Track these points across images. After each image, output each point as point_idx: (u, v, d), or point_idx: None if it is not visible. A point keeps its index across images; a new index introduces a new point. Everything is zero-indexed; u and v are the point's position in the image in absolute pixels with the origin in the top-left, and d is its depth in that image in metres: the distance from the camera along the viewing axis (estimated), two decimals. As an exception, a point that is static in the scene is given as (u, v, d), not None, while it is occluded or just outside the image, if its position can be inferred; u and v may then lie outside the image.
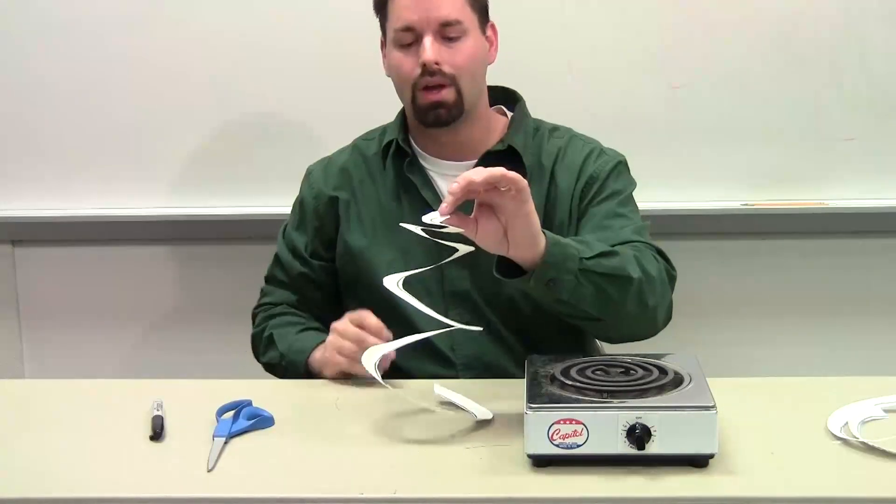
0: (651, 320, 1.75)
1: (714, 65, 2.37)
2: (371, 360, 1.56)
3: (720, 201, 2.42)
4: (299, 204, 2.02)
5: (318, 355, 1.82)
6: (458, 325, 1.61)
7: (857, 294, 2.51)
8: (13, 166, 2.49)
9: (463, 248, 1.61)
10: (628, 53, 2.38)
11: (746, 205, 2.42)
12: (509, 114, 1.97)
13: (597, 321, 1.70)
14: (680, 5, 2.36)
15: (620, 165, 1.92)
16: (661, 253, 1.81)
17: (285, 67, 2.41)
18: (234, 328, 2.55)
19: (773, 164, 2.41)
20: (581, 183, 1.88)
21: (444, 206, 1.49)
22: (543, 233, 1.60)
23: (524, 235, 1.55)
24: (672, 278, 1.81)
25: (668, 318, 1.79)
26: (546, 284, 1.62)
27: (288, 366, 1.87)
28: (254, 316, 2.04)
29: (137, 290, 2.58)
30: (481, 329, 1.73)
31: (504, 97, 1.98)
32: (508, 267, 1.61)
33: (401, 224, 1.63)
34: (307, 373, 1.83)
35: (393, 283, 1.59)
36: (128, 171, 2.48)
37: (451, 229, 1.52)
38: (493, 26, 1.92)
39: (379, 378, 1.54)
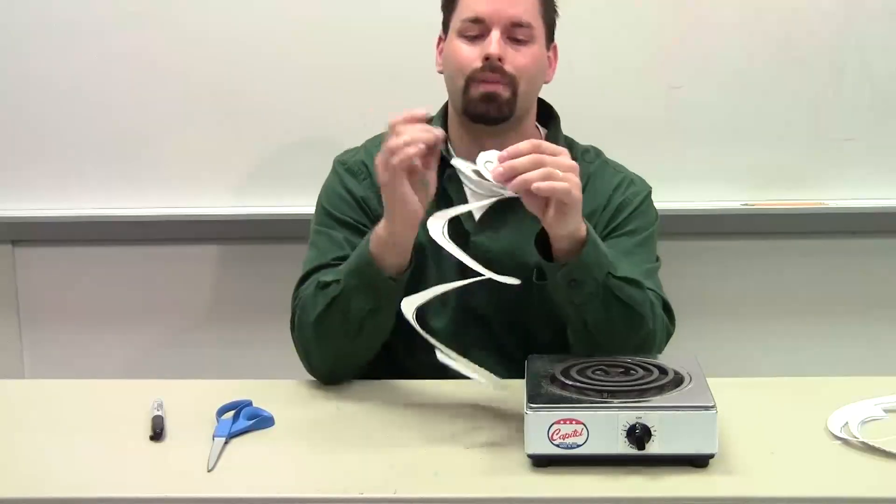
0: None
1: (714, 65, 2.37)
2: (410, 311, 1.52)
3: (720, 201, 2.41)
4: (345, 194, 1.87)
5: (378, 228, 1.66)
6: (490, 275, 1.53)
7: (857, 294, 2.51)
8: (13, 166, 2.48)
9: (490, 200, 1.60)
10: (628, 53, 2.37)
11: (746, 205, 2.41)
12: (542, 130, 1.94)
13: (589, 338, 1.68)
14: (680, 5, 2.36)
15: (648, 198, 1.90)
16: (667, 307, 1.80)
17: (287, 67, 2.40)
18: (234, 328, 2.56)
19: (773, 164, 2.41)
20: (609, 211, 1.85)
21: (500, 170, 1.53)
22: (587, 230, 1.61)
23: (561, 227, 1.58)
24: (669, 335, 1.80)
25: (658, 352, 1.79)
26: (569, 283, 1.62)
27: (350, 277, 1.67)
28: (294, 309, 1.80)
29: (137, 290, 2.58)
30: (519, 282, 1.59)
31: (540, 110, 1.94)
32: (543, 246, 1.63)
33: (453, 162, 1.61)
34: (372, 261, 1.65)
35: (438, 231, 1.56)
36: (128, 171, 2.48)
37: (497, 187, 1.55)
38: (555, 48, 1.90)
39: (417, 327, 1.50)
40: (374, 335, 1.72)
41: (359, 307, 1.67)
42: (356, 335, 1.70)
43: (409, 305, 1.53)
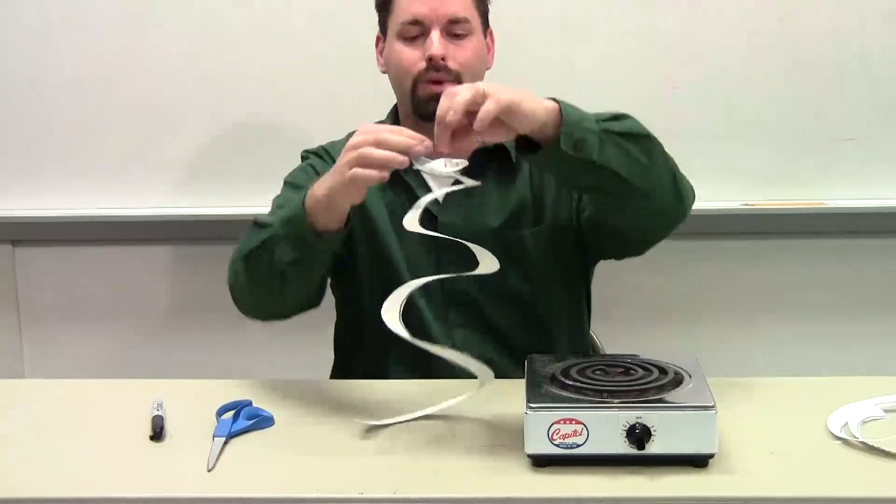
0: (676, 190, 1.72)
1: (714, 65, 2.37)
2: (392, 319, 1.51)
3: (720, 201, 2.41)
4: (310, 169, 1.90)
5: (317, 188, 1.62)
6: (474, 248, 1.57)
7: (857, 294, 2.51)
8: (13, 166, 2.49)
9: (469, 182, 1.57)
10: (628, 53, 2.38)
11: (746, 205, 2.42)
12: None
13: (630, 190, 1.63)
14: (680, 5, 2.36)
15: None
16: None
17: (285, 67, 2.41)
18: (234, 328, 2.55)
19: (773, 164, 2.41)
20: None
21: (440, 142, 1.51)
22: (553, 99, 1.56)
23: (531, 123, 1.53)
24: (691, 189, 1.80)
25: (693, 197, 1.78)
26: (575, 147, 1.56)
27: (281, 226, 1.67)
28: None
29: (137, 290, 2.58)
30: (498, 266, 1.58)
31: None
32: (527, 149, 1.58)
33: (421, 169, 1.57)
34: (303, 216, 1.62)
35: (415, 225, 1.55)
36: (128, 171, 2.48)
37: (452, 172, 1.55)
38: (491, 33, 1.92)
39: (405, 333, 1.50)
40: (298, 285, 1.72)
41: (283, 256, 1.66)
42: (280, 281, 1.69)
43: (390, 313, 1.52)
